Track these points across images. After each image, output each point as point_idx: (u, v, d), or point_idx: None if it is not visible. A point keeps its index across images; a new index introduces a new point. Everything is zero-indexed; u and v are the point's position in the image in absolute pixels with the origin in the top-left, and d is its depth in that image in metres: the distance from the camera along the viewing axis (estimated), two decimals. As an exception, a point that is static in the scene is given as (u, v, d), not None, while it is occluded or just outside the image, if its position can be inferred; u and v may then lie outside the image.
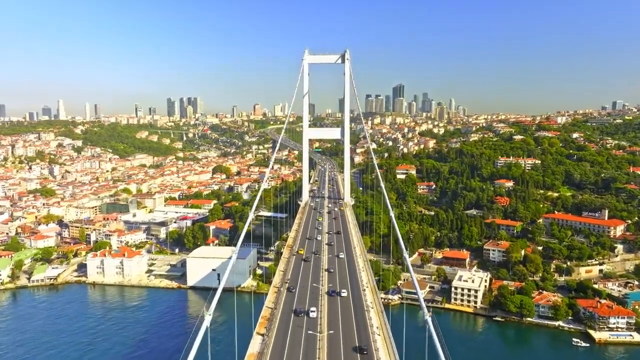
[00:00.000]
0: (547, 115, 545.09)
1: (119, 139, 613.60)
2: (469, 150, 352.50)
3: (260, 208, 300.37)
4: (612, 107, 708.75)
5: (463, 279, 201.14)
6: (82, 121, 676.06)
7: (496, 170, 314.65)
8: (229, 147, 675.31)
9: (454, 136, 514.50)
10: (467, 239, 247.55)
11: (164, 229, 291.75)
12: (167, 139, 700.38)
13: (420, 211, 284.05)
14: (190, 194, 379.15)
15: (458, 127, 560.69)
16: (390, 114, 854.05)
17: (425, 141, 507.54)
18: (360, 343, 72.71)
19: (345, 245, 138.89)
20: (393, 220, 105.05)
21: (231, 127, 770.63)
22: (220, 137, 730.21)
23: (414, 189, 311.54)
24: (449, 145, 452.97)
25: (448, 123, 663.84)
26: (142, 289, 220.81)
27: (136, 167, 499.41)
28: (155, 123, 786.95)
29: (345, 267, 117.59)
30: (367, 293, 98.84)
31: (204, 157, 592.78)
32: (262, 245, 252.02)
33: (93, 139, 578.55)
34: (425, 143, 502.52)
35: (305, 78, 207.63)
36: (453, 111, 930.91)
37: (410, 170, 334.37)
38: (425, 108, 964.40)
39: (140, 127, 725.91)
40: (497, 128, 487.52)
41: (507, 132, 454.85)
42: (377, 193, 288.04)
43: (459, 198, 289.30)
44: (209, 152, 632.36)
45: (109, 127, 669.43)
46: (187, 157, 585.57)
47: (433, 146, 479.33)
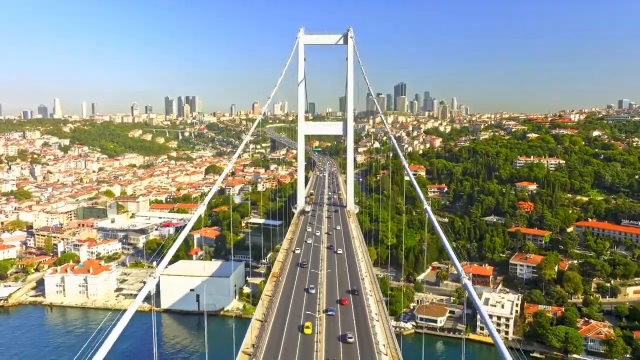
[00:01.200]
0: (559, 113, 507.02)
1: (110, 137, 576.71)
2: (484, 149, 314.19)
3: (251, 214, 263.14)
4: (619, 105, 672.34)
5: (490, 303, 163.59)
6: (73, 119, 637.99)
7: (516, 171, 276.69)
8: (226, 147, 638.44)
9: (461, 134, 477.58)
10: (488, 251, 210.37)
11: (143, 237, 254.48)
12: (162, 138, 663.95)
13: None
14: (178, 197, 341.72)
15: (465, 125, 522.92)
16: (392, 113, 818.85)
17: (431, 140, 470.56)
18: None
19: (351, 278, 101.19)
20: (430, 214, 66.36)
21: (228, 126, 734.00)
22: (217, 136, 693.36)
23: (424, 192, 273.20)
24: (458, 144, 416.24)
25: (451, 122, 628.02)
26: (108, 312, 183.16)
27: (125, 168, 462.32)
28: (150, 122, 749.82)
29: (352, 315, 79.92)
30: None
31: (198, 157, 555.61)
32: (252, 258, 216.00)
33: (82, 137, 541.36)
34: (431, 142, 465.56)
35: (301, 62, 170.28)
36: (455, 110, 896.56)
37: (419, 171, 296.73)
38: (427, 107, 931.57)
39: (135, 126, 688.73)
40: (508, 126, 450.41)
41: (519, 130, 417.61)
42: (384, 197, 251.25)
43: (476, 203, 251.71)
44: (204, 152, 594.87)
45: (101, 125, 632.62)
46: (181, 156, 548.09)
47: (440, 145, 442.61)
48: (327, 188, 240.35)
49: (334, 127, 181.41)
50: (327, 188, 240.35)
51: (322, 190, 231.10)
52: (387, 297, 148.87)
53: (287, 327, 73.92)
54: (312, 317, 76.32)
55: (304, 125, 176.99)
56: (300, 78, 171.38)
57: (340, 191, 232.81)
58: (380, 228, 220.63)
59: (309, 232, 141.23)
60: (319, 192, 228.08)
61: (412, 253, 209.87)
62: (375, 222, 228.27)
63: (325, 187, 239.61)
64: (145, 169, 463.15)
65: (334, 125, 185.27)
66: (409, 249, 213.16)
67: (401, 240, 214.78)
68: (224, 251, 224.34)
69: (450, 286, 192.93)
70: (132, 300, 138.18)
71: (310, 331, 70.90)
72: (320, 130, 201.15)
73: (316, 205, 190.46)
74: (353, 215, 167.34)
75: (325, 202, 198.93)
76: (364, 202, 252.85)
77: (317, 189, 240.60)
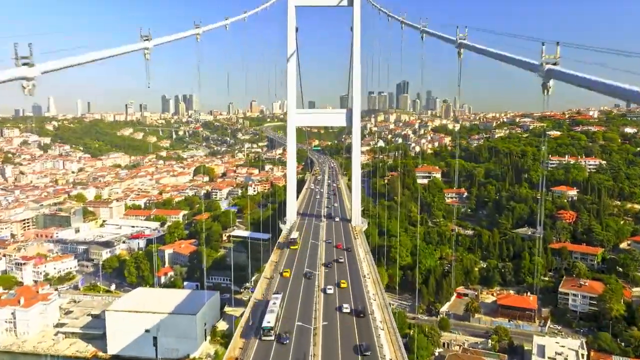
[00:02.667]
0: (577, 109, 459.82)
1: (97, 136, 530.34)
2: (508, 148, 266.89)
3: (234, 226, 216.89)
4: (627, 105, 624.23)
5: (547, 355, 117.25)
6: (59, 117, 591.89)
7: (549, 173, 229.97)
8: (220, 146, 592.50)
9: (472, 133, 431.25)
10: (527, 275, 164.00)
11: (107, 251, 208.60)
12: (154, 136, 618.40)
13: (453, 230, 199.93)
14: (158, 202, 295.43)
15: (475, 123, 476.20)
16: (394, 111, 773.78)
17: (440, 138, 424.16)
18: None
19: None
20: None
21: (224, 124, 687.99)
22: (212, 134, 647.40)
23: (441, 198, 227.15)
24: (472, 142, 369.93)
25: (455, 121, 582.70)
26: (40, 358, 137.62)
27: (107, 168, 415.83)
28: (143, 120, 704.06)
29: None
30: None
31: (189, 157, 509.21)
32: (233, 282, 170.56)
33: (65, 136, 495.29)
34: (440, 140, 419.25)
35: (291, 29, 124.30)
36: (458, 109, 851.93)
37: (433, 173, 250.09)
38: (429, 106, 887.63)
39: (127, 124, 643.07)
40: (524, 123, 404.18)
41: (538, 127, 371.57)
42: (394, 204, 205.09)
43: (505, 211, 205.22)
44: (196, 151, 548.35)
45: (90, 123, 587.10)
46: (171, 156, 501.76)
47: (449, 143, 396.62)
48: (325, 195, 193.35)
49: (336, 117, 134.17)
50: (325, 195, 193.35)
51: (320, 198, 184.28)
52: (404, 338, 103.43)
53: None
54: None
55: (295, 114, 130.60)
56: (290, 51, 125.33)
57: (342, 198, 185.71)
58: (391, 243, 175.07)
59: (297, 266, 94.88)
60: (317, 200, 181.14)
61: (433, 276, 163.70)
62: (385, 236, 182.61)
63: (323, 194, 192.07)
64: (130, 170, 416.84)
65: (335, 114, 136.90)
66: (428, 270, 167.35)
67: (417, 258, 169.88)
68: (200, 271, 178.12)
69: (484, 321, 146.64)
70: (75, 341, 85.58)
71: None
72: (317, 121, 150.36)
73: (312, 219, 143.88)
74: (361, 236, 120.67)
75: (323, 213, 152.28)
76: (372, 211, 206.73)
77: (314, 195, 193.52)
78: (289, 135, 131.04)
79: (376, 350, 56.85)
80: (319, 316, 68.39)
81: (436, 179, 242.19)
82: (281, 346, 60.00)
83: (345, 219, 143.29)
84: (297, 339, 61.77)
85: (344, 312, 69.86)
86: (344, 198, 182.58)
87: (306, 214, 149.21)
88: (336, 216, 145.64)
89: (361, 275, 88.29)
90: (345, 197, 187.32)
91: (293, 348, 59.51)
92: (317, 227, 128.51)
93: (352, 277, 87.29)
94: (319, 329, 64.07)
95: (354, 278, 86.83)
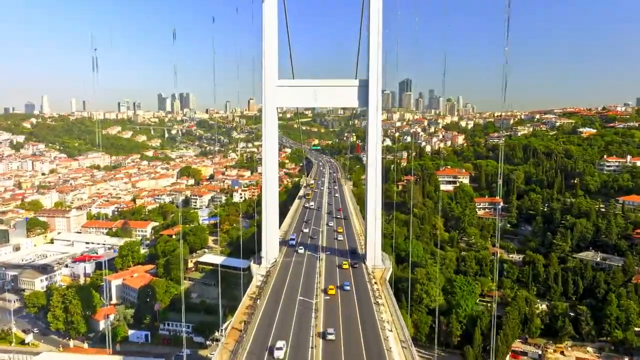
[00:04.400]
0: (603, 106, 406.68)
1: (79, 134, 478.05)
2: (546, 147, 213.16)
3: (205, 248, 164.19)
4: (637, 103, 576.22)
5: None
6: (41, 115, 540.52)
7: (609, 178, 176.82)
8: (214, 145, 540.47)
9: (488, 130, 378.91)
10: (615, 326, 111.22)
11: (44, 278, 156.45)
12: (144, 135, 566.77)
13: (494, 254, 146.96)
14: (128, 210, 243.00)
15: (490, 121, 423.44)
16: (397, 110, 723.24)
17: (453, 136, 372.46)
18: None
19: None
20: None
21: (219, 123, 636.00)
22: (206, 133, 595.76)
23: (471, 209, 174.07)
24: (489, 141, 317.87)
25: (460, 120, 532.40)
26: None
27: (83, 169, 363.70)
28: (135, 118, 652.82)
29: None
30: None
31: (178, 157, 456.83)
32: (196, 333, 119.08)
33: (42, 134, 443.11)
34: (453, 138, 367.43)
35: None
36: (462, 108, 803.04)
37: (460, 176, 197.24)
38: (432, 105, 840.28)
39: (116, 123, 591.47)
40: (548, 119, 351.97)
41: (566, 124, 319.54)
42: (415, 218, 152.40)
43: (561, 229, 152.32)
44: (186, 151, 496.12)
45: (76, 121, 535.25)
46: (158, 156, 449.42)
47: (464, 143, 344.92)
48: (325, 210, 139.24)
49: (342, 92, 79.52)
50: (325, 210, 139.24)
51: (318, 219, 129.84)
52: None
53: None
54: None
55: (275, 88, 78.10)
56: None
57: (350, 218, 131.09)
58: (416, 276, 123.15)
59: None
60: (313, 220, 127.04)
61: (478, 327, 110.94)
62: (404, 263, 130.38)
63: (322, 213, 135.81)
64: (109, 171, 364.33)
65: (341, 88, 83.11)
66: (470, 317, 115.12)
67: (451, 299, 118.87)
68: (151, 316, 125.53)
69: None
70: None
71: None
72: (312, 99, 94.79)
73: (306, 252, 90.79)
74: (386, 294, 67.30)
75: (321, 242, 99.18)
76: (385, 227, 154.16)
77: (306, 220, 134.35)
78: (266, 121, 78.56)
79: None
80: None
81: (464, 184, 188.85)
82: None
83: (355, 252, 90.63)
84: None
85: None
86: (353, 219, 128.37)
87: (295, 244, 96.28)
88: (343, 250, 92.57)
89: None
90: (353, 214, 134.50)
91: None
92: (310, 275, 75.33)
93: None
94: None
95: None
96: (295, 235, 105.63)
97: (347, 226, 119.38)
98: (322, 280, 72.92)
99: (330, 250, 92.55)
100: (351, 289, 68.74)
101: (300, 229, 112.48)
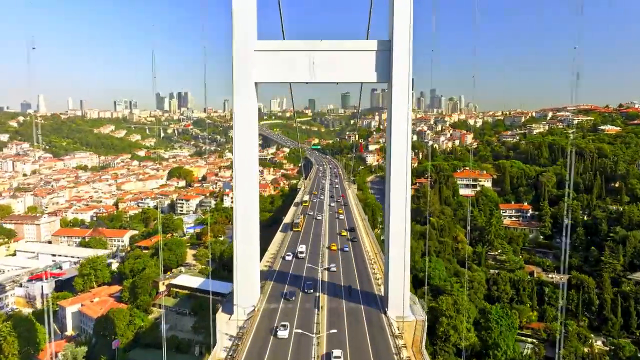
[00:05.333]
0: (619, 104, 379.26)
1: (68, 133, 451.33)
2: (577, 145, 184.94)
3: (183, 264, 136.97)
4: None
5: None
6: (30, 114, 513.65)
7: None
8: (210, 144, 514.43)
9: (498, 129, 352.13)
10: None
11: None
12: (139, 134, 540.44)
13: (531, 273, 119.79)
14: (107, 216, 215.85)
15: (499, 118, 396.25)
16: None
17: (462, 135, 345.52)
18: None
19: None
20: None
21: (217, 122, 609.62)
22: (202, 133, 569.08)
23: (497, 217, 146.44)
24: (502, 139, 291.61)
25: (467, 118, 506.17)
26: None
27: (68, 170, 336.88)
28: (130, 117, 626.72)
29: None
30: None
31: (171, 157, 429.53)
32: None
33: (28, 133, 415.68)
34: (462, 137, 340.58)
35: None
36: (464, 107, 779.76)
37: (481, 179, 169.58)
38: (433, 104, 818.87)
39: (110, 122, 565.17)
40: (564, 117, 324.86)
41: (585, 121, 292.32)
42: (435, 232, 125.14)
43: (609, 243, 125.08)
44: (180, 151, 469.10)
45: (67, 120, 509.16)
46: (150, 155, 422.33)
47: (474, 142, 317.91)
48: (326, 228, 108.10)
49: (353, 62, 52.28)
50: (326, 228, 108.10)
51: (315, 243, 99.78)
52: None
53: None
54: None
55: (253, 53, 51.04)
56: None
57: (360, 240, 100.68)
58: (441, 306, 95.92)
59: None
60: (311, 244, 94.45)
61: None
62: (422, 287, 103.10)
63: (322, 231, 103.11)
64: (95, 172, 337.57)
65: (351, 56, 57.10)
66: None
67: (485, 336, 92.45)
68: (108, 356, 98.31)
69: None
70: None
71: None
72: (308, 73, 44.79)
73: (290, 308, 61.55)
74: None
75: (320, 285, 70.39)
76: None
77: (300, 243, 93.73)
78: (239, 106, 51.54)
79: None
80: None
81: (486, 188, 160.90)
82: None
83: (369, 293, 63.07)
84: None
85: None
86: (364, 241, 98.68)
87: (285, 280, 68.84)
88: (352, 295, 62.82)
89: None
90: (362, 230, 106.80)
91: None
92: (305, 345, 47.60)
93: None
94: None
95: None
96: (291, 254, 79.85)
97: (356, 253, 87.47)
98: (324, 343, 45.84)
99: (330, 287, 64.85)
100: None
101: (291, 260, 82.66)
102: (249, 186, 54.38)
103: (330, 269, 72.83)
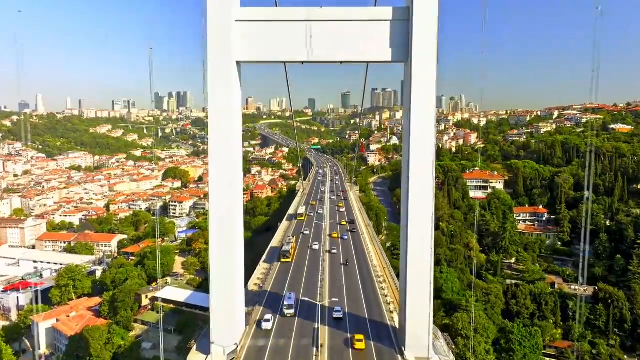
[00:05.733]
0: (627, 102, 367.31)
1: (63, 133, 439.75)
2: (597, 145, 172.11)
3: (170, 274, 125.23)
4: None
5: None
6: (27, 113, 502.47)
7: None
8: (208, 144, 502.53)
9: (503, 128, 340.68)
10: None
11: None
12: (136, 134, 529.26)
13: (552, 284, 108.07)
14: (96, 218, 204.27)
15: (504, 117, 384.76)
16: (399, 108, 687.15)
17: (466, 134, 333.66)
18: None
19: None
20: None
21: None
22: (201, 132, 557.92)
23: (511, 221, 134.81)
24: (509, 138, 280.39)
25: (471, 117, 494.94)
26: None
27: (61, 170, 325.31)
28: (128, 117, 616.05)
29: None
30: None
31: (168, 157, 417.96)
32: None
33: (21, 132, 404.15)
34: (466, 137, 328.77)
35: None
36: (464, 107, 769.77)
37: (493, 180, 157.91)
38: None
39: (108, 121, 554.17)
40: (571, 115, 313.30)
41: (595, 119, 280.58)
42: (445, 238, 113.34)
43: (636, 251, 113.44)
44: (177, 150, 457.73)
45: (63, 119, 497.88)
46: (146, 155, 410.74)
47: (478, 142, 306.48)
48: (326, 252, 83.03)
49: (361, 35, 40.68)
50: (326, 252, 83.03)
51: (318, 242, 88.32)
52: None
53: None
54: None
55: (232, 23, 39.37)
56: None
57: (364, 249, 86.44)
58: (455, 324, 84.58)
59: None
60: (304, 271, 74.78)
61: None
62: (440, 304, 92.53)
63: (321, 257, 79.30)
64: (88, 173, 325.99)
65: (359, 27, 46.07)
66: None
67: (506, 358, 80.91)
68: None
69: None
70: None
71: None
72: (304, 50, 40.40)
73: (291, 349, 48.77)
74: None
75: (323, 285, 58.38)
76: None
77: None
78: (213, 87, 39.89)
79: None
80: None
81: (498, 191, 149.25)
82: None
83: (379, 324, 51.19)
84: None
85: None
86: (372, 257, 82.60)
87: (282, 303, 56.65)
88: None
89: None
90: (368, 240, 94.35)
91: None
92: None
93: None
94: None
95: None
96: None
97: (363, 272, 71.82)
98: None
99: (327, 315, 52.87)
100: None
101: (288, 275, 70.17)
102: (229, 193, 42.84)
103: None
